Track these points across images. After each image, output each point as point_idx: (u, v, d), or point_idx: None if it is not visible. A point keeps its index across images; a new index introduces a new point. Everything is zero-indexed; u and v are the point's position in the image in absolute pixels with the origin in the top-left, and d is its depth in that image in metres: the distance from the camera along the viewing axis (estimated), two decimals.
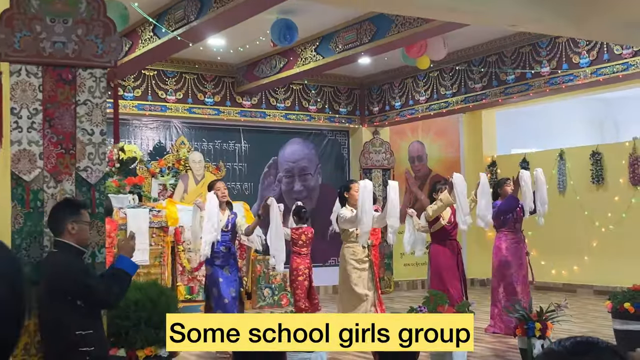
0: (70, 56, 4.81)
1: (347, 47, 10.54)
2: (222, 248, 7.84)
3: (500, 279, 8.98)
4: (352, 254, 8.00)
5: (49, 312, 4.27)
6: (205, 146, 13.21)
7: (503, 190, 9.18)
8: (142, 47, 10.07)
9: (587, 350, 1.70)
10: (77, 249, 4.39)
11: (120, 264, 4.39)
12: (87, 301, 4.28)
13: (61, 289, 4.21)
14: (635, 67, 10.07)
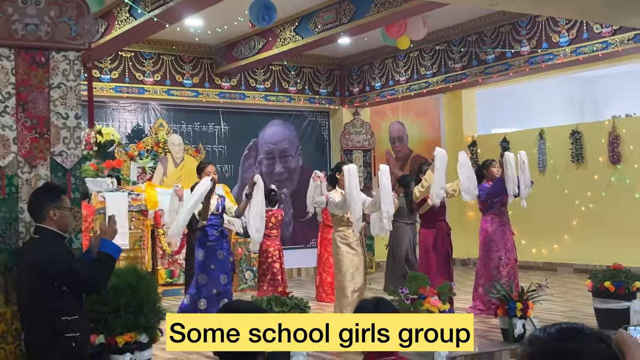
0: (43, 38, 4.70)
1: (327, 27, 10.45)
2: (215, 232, 7.73)
3: (487, 261, 8.87)
4: (343, 238, 7.97)
5: (33, 298, 4.21)
6: (185, 128, 13.09)
7: (489, 171, 9.04)
8: (118, 28, 9.92)
9: (572, 337, 1.67)
10: (59, 234, 4.34)
11: (104, 247, 4.34)
12: (74, 286, 4.25)
13: (46, 275, 4.16)
14: (614, 45, 10.07)
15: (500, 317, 7.08)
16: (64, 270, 4.20)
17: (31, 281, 4.21)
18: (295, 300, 6.07)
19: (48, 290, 4.16)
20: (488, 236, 8.88)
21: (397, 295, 6.50)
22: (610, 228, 12.40)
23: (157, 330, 5.32)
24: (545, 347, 1.67)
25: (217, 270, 7.56)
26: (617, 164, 12.55)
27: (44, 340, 4.16)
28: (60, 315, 4.15)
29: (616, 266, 7.81)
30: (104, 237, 4.41)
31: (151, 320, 5.18)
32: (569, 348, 1.64)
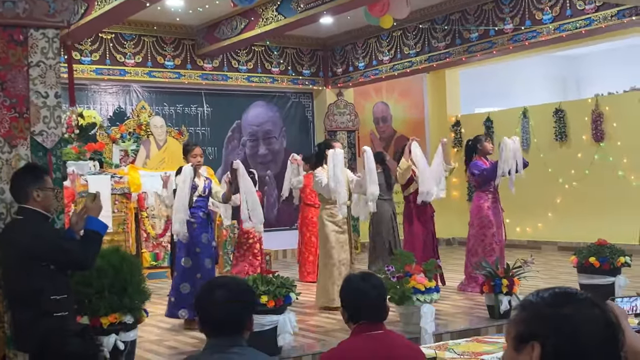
0: (21, 16, 4.61)
1: (309, 6, 10.36)
2: (201, 214, 7.58)
3: (482, 238, 8.81)
4: (330, 215, 7.96)
5: (22, 279, 4.17)
6: (167, 110, 12.98)
7: (484, 146, 8.96)
8: (98, 9, 9.78)
9: (566, 302, 1.65)
10: (43, 214, 4.30)
11: (90, 225, 4.32)
12: (64, 264, 4.24)
13: (36, 255, 4.13)
14: (597, 22, 10.06)
15: (486, 294, 7.10)
16: (54, 249, 4.18)
17: (19, 262, 4.17)
18: (282, 279, 6.04)
19: (37, 271, 4.13)
20: (483, 213, 8.81)
21: (383, 273, 6.49)
22: (594, 205, 12.46)
23: (142, 311, 5.28)
24: (538, 311, 1.64)
25: (202, 254, 7.46)
26: (601, 142, 12.58)
27: (32, 320, 4.13)
28: (49, 294, 4.13)
29: (600, 242, 7.85)
30: (90, 215, 4.38)
31: (136, 301, 5.14)
32: (563, 312, 1.61)
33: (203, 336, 2.81)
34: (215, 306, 2.73)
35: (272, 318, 5.83)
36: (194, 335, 6.74)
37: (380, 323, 3.23)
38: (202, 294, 2.81)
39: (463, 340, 5.07)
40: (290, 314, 6.03)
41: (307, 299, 8.42)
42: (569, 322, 1.60)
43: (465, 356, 4.41)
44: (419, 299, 6.35)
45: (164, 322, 7.60)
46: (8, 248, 4.25)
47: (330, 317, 7.51)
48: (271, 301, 5.83)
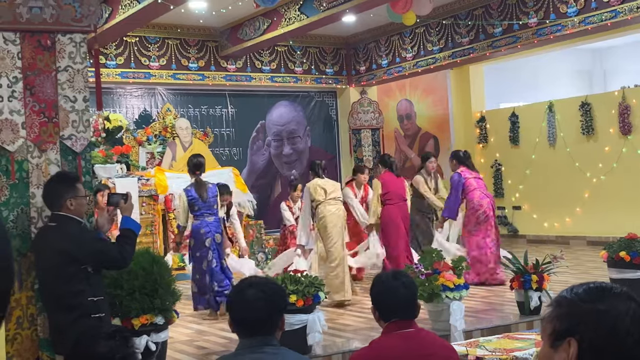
0: (48, 21, 4.66)
1: (332, 4, 10.37)
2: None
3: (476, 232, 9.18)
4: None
5: (60, 282, 4.25)
6: (192, 112, 13.06)
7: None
8: (122, 13, 9.87)
9: (601, 297, 1.63)
10: (77, 219, 4.38)
11: (126, 224, 4.46)
12: (104, 265, 4.36)
13: (76, 258, 4.22)
14: (623, 14, 9.96)
15: (516, 290, 7.05)
16: (94, 250, 4.28)
17: (58, 266, 4.26)
18: (310, 279, 6.05)
19: (76, 274, 4.22)
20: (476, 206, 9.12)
21: (411, 270, 6.47)
22: (622, 199, 12.32)
23: (173, 312, 5.31)
24: (574, 307, 1.63)
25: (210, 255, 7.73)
26: (628, 135, 12.44)
27: (71, 322, 4.20)
28: (87, 296, 4.23)
29: (631, 236, 7.75)
30: (125, 214, 4.52)
31: (166, 302, 5.17)
32: (599, 308, 1.60)
33: (233, 336, 2.81)
34: (247, 306, 2.75)
35: (301, 317, 5.84)
36: (225, 335, 6.77)
37: (412, 321, 3.23)
38: (234, 295, 2.82)
39: (494, 337, 5.05)
40: (320, 313, 6.03)
41: None
42: (606, 317, 1.58)
43: (497, 353, 4.39)
44: (448, 296, 6.33)
45: (194, 322, 7.64)
46: (45, 253, 4.31)
47: (360, 315, 7.50)
48: (300, 300, 5.83)
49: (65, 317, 4.25)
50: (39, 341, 4.55)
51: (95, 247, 4.31)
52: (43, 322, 4.53)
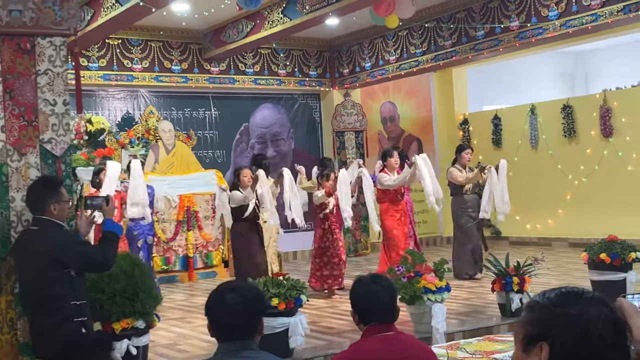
0: (28, 25, 4.64)
1: (314, 7, 10.38)
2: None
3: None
4: None
5: (43, 286, 4.25)
6: (175, 115, 13.02)
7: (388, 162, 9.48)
8: (104, 15, 9.84)
9: (573, 301, 1.65)
10: (59, 224, 4.40)
11: (108, 227, 4.50)
12: (86, 268, 4.38)
13: (59, 261, 4.23)
14: (604, 17, 10.03)
15: (497, 292, 7.08)
16: (77, 253, 4.30)
17: (41, 270, 4.26)
18: (292, 282, 6.05)
19: (59, 278, 4.24)
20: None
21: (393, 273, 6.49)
22: (604, 201, 12.41)
23: (154, 316, 5.30)
24: (545, 312, 1.65)
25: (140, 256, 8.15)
26: (609, 137, 12.54)
27: (54, 326, 4.20)
28: (70, 300, 4.25)
29: (611, 238, 7.81)
30: (107, 217, 4.57)
31: (147, 305, 5.15)
32: (570, 312, 1.62)
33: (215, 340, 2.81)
34: (225, 310, 2.75)
35: (283, 320, 5.84)
36: (207, 339, 6.76)
37: (391, 324, 3.24)
38: (212, 299, 2.82)
39: (475, 339, 5.08)
40: (302, 316, 6.04)
41: (318, 301, 8.44)
42: (577, 321, 1.60)
43: (477, 355, 4.41)
44: (429, 299, 6.35)
45: (176, 326, 7.63)
46: (28, 257, 4.30)
47: (342, 318, 7.52)
48: (282, 303, 5.84)
49: (48, 320, 4.24)
50: (19, 345, 4.53)
51: (79, 250, 4.33)
52: (23, 327, 4.51)
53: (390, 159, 9.35)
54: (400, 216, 9.28)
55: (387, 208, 9.30)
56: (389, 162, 9.36)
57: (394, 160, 9.35)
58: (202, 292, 9.86)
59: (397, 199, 9.30)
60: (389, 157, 9.37)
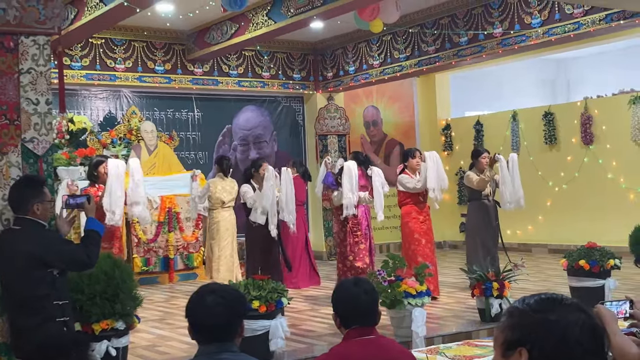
0: (12, 23, 4.62)
1: (299, 11, 10.39)
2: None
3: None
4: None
5: (25, 286, 4.23)
6: (157, 115, 12.98)
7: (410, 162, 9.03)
8: (88, 15, 9.79)
9: (551, 307, 1.67)
10: (42, 223, 4.38)
11: (91, 225, 4.51)
12: (69, 267, 4.38)
13: (43, 261, 4.22)
14: (586, 26, 10.12)
15: (477, 297, 7.12)
16: (61, 253, 4.29)
17: (24, 270, 4.23)
18: (273, 285, 6.05)
19: (42, 278, 4.23)
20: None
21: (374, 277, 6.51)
22: (583, 208, 12.52)
23: (134, 317, 5.28)
24: (525, 318, 1.67)
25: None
26: (590, 145, 12.65)
27: (36, 326, 4.18)
28: (52, 300, 4.24)
29: (591, 245, 7.88)
30: (89, 215, 4.56)
31: (127, 306, 5.14)
32: (549, 318, 1.64)
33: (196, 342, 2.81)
34: (206, 313, 2.75)
35: (264, 323, 5.85)
36: (187, 341, 6.74)
37: (372, 328, 3.25)
38: (193, 301, 2.82)
39: (454, 344, 5.10)
40: (282, 319, 6.04)
41: (299, 304, 8.44)
42: (555, 328, 1.62)
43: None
44: (410, 303, 6.37)
45: (156, 327, 7.60)
46: (10, 257, 4.26)
47: (323, 321, 7.52)
48: (263, 306, 5.84)
49: (29, 321, 4.22)
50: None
51: (62, 249, 4.33)
52: (2, 326, 4.48)
53: (412, 159, 8.83)
54: (423, 219, 8.84)
55: (410, 210, 8.82)
56: (410, 163, 8.85)
57: (416, 161, 8.81)
58: (182, 293, 9.83)
59: (419, 201, 8.83)
60: (411, 158, 8.87)
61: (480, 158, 9.17)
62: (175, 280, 11.06)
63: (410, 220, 8.77)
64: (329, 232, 13.89)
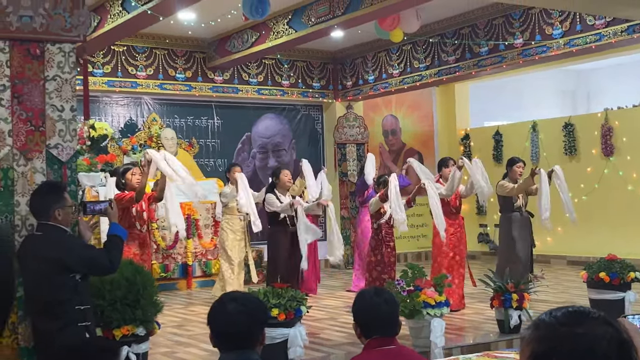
0: (38, 30, 4.68)
1: (320, 20, 10.43)
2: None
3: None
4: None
5: (48, 291, 4.27)
6: (178, 122, 13.05)
7: (513, 171, 8.97)
8: (111, 22, 9.88)
9: (579, 321, 1.67)
10: (63, 229, 4.42)
11: (114, 230, 4.54)
12: (92, 272, 4.43)
13: (66, 266, 4.25)
14: (607, 37, 10.09)
15: (496, 308, 7.10)
16: (83, 258, 4.32)
17: (47, 275, 4.27)
18: (292, 292, 6.06)
19: (64, 282, 4.26)
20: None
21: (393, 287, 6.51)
22: (603, 220, 12.43)
23: (154, 323, 5.31)
24: (551, 331, 1.67)
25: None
26: (610, 156, 12.58)
27: (57, 330, 4.22)
28: (74, 305, 4.27)
29: (611, 257, 7.84)
30: (113, 221, 4.62)
31: (148, 313, 5.16)
32: (577, 331, 1.64)
33: (215, 349, 2.83)
34: (228, 320, 2.76)
35: (282, 331, 5.86)
36: (206, 348, 6.77)
37: (393, 338, 3.25)
38: (214, 309, 2.84)
39: (474, 355, 5.09)
40: (301, 327, 6.05)
41: (317, 312, 8.45)
42: (583, 341, 1.62)
43: None
44: (429, 313, 6.36)
45: (175, 334, 7.63)
46: (33, 262, 4.30)
47: (341, 330, 7.52)
48: (282, 314, 5.85)
49: (52, 325, 4.25)
50: (19, 350, 4.54)
51: (85, 254, 4.36)
52: (24, 331, 4.52)
53: (446, 169, 8.78)
54: (454, 230, 8.69)
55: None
56: (444, 173, 8.81)
57: (449, 170, 8.69)
58: (200, 300, 9.87)
59: (451, 212, 8.71)
60: (445, 168, 8.83)
61: (515, 167, 9.03)
62: (193, 287, 11.10)
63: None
64: (346, 240, 13.90)
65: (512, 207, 9.05)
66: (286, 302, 5.91)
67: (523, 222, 9.08)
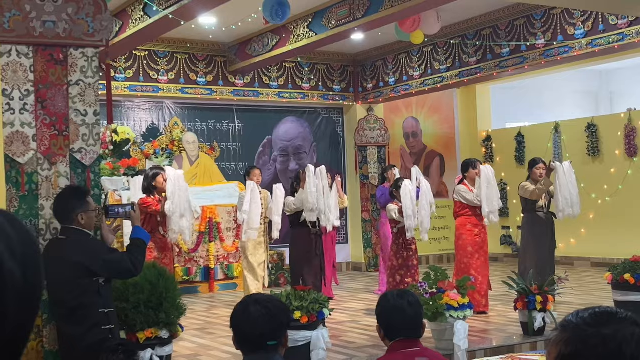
0: (61, 35, 4.72)
1: (340, 22, 10.43)
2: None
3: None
4: None
5: (72, 294, 4.32)
6: (199, 126, 13.11)
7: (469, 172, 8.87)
8: (132, 27, 9.94)
9: (606, 321, 1.65)
10: (87, 232, 4.47)
11: (137, 234, 4.58)
12: (117, 275, 4.47)
13: (90, 270, 4.30)
14: (630, 37, 10.00)
15: (520, 311, 7.05)
16: (107, 261, 4.36)
17: (71, 279, 4.31)
18: (314, 295, 6.06)
19: (88, 286, 4.31)
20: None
21: (416, 289, 6.48)
22: (627, 221, 12.32)
23: (178, 326, 5.33)
24: (579, 332, 1.65)
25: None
26: (634, 157, 12.46)
27: (82, 333, 4.26)
28: (98, 308, 4.32)
29: (636, 258, 7.76)
30: (136, 224, 4.65)
31: (172, 316, 5.19)
32: (604, 332, 1.62)
33: (238, 351, 2.83)
34: (250, 323, 2.77)
35: (305, 334, 5.85)
36: (229, 350, 6.78)
37: (417, 340, 3.24)
38: (237, 311, 2.84)
39: (497, 357, 5.06)
40: (324, 330, 6.04)
41: (339, 315, 8.44)
42: (610, 342, 1.60)
43: None
44: (452, 315, 6.33)
45: (198, 337, 7.65)
46: (57, 266, 4.34)
47: (364, 333, 7.51)
48: (304, 317, 5.85)
49: (77, 329, 4.30)
50: (44, 353, 4.57)
51: (109, 258, 4.39)
52: (49, 334, 4.56)
53: (473, 170, 8.67)
54: (478, 232, 8.63)
55: (465, 222, 8.65)
56: (470, 174, 8.70)
57: (476, 172, 8.64)
58: (222, 303, 9.90)
59: (477, 214, 8.61)
60: (472, 169, 8.71)
61: (535, 168, 8.96)
62: (216, 290, 11.14)
63: (464, 232, 8.63)
64: (368, 243, 13.89)
65: (534, 207, 8.97)
66: (309, 304, 5.91)
67: (546, 222, 8.98)
